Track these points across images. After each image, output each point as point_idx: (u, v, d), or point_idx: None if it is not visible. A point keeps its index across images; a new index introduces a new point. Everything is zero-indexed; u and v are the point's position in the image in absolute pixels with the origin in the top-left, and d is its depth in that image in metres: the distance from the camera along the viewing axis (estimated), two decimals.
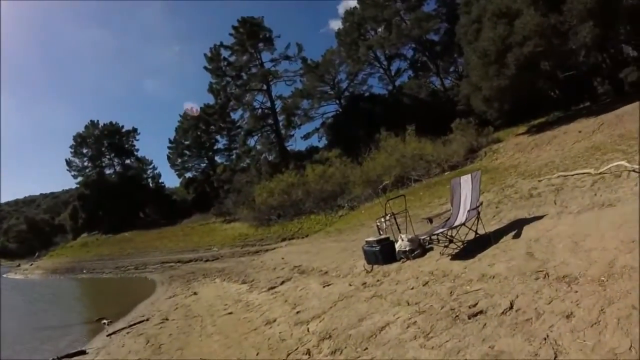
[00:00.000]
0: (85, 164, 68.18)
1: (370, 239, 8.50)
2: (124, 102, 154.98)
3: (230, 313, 9.08)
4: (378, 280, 7.17)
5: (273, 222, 30.04)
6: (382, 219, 9.17)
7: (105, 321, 12.23)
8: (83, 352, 8.84)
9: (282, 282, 10.61)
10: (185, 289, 16.23)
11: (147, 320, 10.92)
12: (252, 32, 46.22)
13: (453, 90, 38.53)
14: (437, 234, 7.34)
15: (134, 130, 69.47)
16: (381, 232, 9.03)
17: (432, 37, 42.60)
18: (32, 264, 54.38)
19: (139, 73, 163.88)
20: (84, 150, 67.62)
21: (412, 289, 5.99)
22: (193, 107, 58.83)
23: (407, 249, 7.69)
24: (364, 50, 42.71)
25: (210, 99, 53.02)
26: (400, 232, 8.32)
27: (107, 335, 10.11)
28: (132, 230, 53.42)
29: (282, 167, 37.54)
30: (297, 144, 58.23)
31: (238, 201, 38.19)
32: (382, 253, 8.08)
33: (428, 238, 7.69)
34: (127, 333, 9.90)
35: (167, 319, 10.33)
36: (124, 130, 69.01)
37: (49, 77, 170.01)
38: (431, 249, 7.74)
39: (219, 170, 51.86)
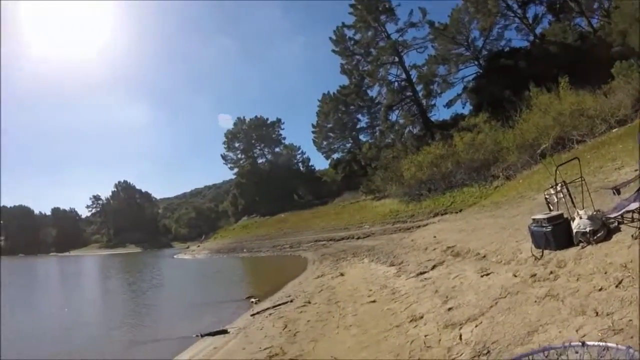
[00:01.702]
0: (239, 156, 75.80)
1: (539, 216, 6.63)
2: (263, 98, 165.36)
3: (374, 301, 8.44)
4: (551, 273, 5.58)
5: (424, 197, 30.01)
6: (552, 190, 7.24)
7: (253, 299, 12.93)
8: (225, 332, 9.29)
9: (433, 267, 9.55)
10: (333, 268, 16.48)
11: (291, 301, 11.02)
12: (370, 6, 45.16)
13: (604, 29, 34.12)
14: (633, 211, 5.66)
15: (278, 120, 75.72)
16: (551, 207, 7.26)
17: None
18: (198, 246, 61.20)
19: (271, 68, 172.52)
20: (236, 145, 75.14)
21: (601, 290, 4.39)
22: None
23: (588, 229, 5.84)
24: (492, 1, 39.49)
25: (345, 80, 53.67)
26: (575, 208, 6.61)
27: (251, 315, 10.47)
28: (287, 211, 56.94)
29: (428, 139, 37.12)
30: (440, 113, 56.97)
31: (386, 177, 38.65)
32: (555, 235, 6.28)
33: (619, 216, 5.90)
34: (270, 314, 10.03)
35: (309, 302, 10.26)
36: (269, 122, 75.21)
37: (190, 87, 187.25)
38: (617, 229, 5.81)
39: (364, 148, 52.42)
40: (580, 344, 1.72)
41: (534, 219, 6.78)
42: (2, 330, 11.75)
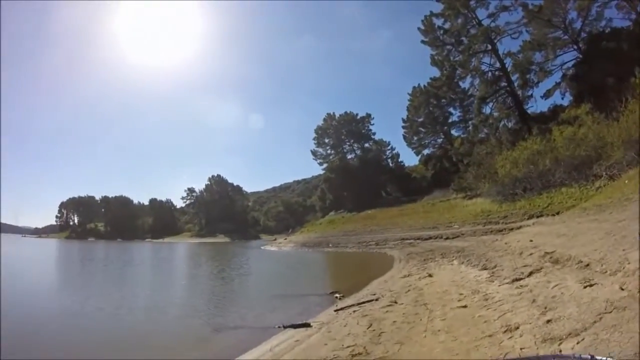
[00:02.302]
0: (328, 151, 77.63)
1: None
2: (352, 94, 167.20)
3: (465, 306, 8.04)
4: None
5: (518, 197, 28.99)
6: None
7: (337, 295, 12.79)
8: (307, 325, 9.13)
9: (530, 274, 9.01)
10: (420, 268, 15.97)
11: (377, 300, 10.69)
12: None
13: None
14: None
15: (368, 116, 76.33)
16: None
17: None
18: (285, 238, 63.13)
19: (358, 64, 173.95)
20: (326, 140, 76.96)
21: None
22: None
23: None
24: None
25: (436, 72, 52.70)
26: None
27: (335, 311, 10.25)
28: (375, 208, 57.11)
29: (524, 133, 35.47)
30: (537, 104, 53.36)
31: (479, 175, 37.69)
32: None
33: None
34: (354, 311, 9.74)
35: (395, 302, 9.82)
36: (358, 117, 75.94)
37: (278, 86, 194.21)
38: None
39: (456, 143, 51.42)
40: None
41: None
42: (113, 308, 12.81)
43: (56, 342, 9.18)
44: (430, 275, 13.26)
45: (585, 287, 6.46)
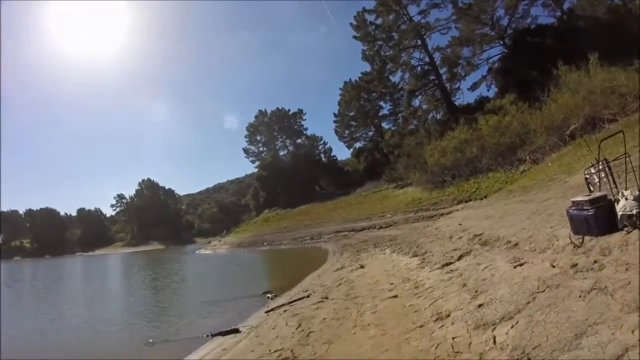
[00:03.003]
0: (261, 149, 77.17)
1: (579, 198, 5.99)
2: (284, 90, 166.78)
3: (395, 296, 7.88)
4: (595, 262, 4.93)
5: (447, 184, 29.65)
6: (592, 170, 6.64)
7: (269, 295, 12.70)
8: (236, 331, 9.00)
9: (460, 257, 8.94)
10: (353, 260, 16.06)
11: (308, 297, 10.66)
12: None
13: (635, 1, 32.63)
14: None
15: (300, 111, 76.39)
16: (592, 188, 6.63)
17: None
18: (220, 240, 62.29)
19: (292, 60, 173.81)
20: (258, 137, 76.55)
21: None
22: None
23: (635, 211, 5.26)
24: None
25: (367, 67, 53.43)
26: (617, 188, 6.01)
27: (266, 312, 10.18)
28: (309, 203, 57.15)
29: (452, 123, 36.19)
30: (464, 97, 56.01)
31: (409, 165, 38.37)
32: (597, 218, 5.67)
33: None
34: (285, 311, 9.70)
35: (326, 298, 9.84)
36: (290, 113, 75.84)
37: (210, 83, 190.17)
38: None
39: (387, 136, 51.95)
40: None
41: (573, 202, 6.16)
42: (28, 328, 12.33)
43: None
44: (362, 267, 13.31)
45: (515, 266, 6.43)
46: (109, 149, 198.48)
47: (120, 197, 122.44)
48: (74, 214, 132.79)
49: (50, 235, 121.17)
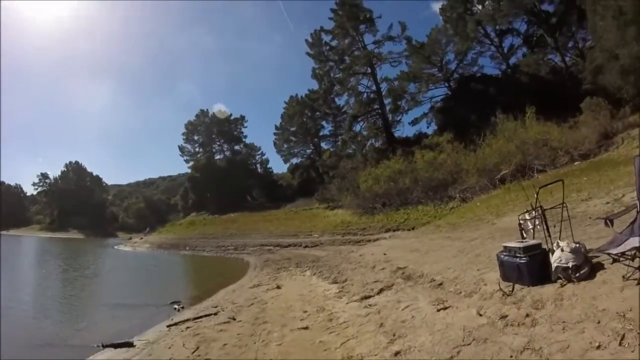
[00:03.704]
0: (197, 149, 74.48)
1: (512, 244, 5.57)
2: (230, 94, 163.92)
3: (306, 328, 7.24)
4: (527, 315, 4.40)
5: (377, 211, 29.41)
6: (527, 216, 6.43)
7: (177, 306, 12.06)
8: (130, 344, 8.29)
9: (380, 290, 8.45)
10: (272, 278, 15.43)
11: (215, 314, 9.95)
12: (352, 14, 44.72)
13: (577, 66, 34.59)
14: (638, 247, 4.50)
15: (242, 117, 74.11)
16: (524, 235, 6.40)
17: (546, 7, 38.47)
18: (141, 238, 59.02)
19: (242, 66, 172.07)
20: (195, 137, 73.82)
21: (599, 347, 3.27)
22: None
23: (570, 264, 4.92)
24: (472, 25, 38.84)
25: (315, 85, 53.26)
26: (551, 238, 5.76)
27: (168, 326, 9.42)
28: (238, 211, 55.53)
29: (389, 153, 36.48)
30: (404, 129, 56.84)
31: (342, 187, 38.04)
32: (530, 267, 5.27)
33: (619, 253, 4.74)
34: (187, 328, 8.95)
35: (234, 319, 9.08)
36: (232, 118, 73.66)
37: (158, 74, 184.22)
38: (601, 266, 4.96)
39: (325, 156, 52.00)
40: None
41: (505, 247, 5.70)
42: None
43: None
44: (279, 287, 12.63)
45: (439, 310, 5.90)
46: (40, 124, 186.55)
47: (44, 176, 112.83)
48: None
49: None
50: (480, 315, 5.01)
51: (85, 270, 25.34)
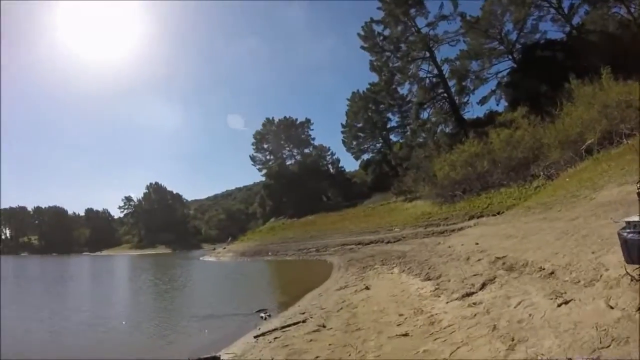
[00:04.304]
0: (268, 157, 75.97)
1: (636, 218, 4.62)
2: (292, 98, 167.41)
3: (405, 335, 6.29)
4: None
5: (458, 199, 28.82)
6: None
7: (263, 314, 11.76)
8: (217, 359, 7.94)
9: (483, 285, 7.51)
10: (358, 278, 14.98)
11: (304, 322, 9.32)
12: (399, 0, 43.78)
13: None
14: None
15: (308, 121, 75.47)
16: None
17: None
18: (224, 248, 61.15)
19: (299, 69, 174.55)
20: (265, 146, 75.31)
21: None
22: None
23: None
24: None
25: (375, 78, 52.66)
26: None
27: (255, 337, 9.03)
28: (315, 213, 56.17)
29: (461, 137, 35.45)
30: (474, 110, 55.26)
31: (418, 178, 37.69)
32: None
33: None
34: (275, 339, 8.42)
35: (323, 326, 8.38)
36: (298, 122, 74.93)
37: (221, 89, 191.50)
38: None
39: (395, 148, 51.51)
40: None
41: (629, 223, 4.68)
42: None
43: None
44: (367, 288, 11.96)
45: (559, 305, 5.02)
46: (119, 150, 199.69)
47: (128, 199, 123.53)
48: (82, 213, 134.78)
49: (58, 234, 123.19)
50: (612, 307, 4.24)
51: (174, 283, 26.02)
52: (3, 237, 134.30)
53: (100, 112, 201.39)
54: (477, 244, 12.35)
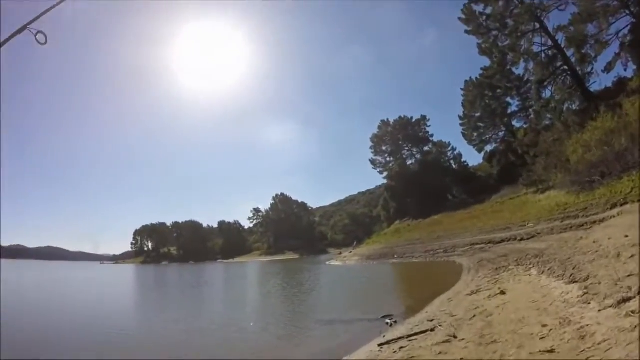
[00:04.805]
0: (387, 159, 77.02)
1: None
2: (405, 97, 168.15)
3: (551, 351, 5.31)
4: None
5: (596, 184, 26.09)
6: None
7: (389, 320, 11.52)
8: None
9: None
10: (491, 281, 14.15)
11: (432, 330, 8.64)
12: None
13: None
14: None
15: (423, 118, 75.39)
16: None
17: None
18: (350, 252, 62.91)
19: (406, 66, 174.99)
20: (383, 148, 76.39)
21: None
22: None
23: None
24: None
25: (486, 61, 50.51)
26: None
27: (379, 345, 8.64)
28: (441, 213, 55.36)
29: (592, 112, 32.20)
30: (600, 80, 49.79)
31: (549, 165, 35.07)
32: None
33: None
34: (400, 349, 7.84)
35: (454, 337, 7.60)
36: (413, 120, 75.10)
37: (330, 98, 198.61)
38: None
39: (520, 134, 48.69)
40: None
41: None
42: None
43: None
44: (502, 293, 10.92)
45: None
46: (243, 167, 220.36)
47: (257, 210, 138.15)
48: (215, 225, 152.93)
49: (194, 244, 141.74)
50: None
51: (302, 287, 26.82)
52: (146, 249, 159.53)
53: (220, 136, 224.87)
54: (626, 236, 10.50)
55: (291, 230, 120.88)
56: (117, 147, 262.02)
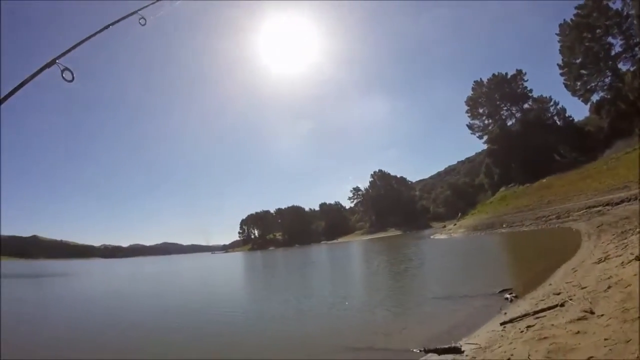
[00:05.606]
0: (485, 122, 73.63)
1: None
2: (496, 55, 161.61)
3: None
4: None
5: None
6: None
7: (508, 295, 10.58)
8: (457, 350, 6.81)
9: None
10: (620, 246, 12.50)
11: (562, 305, 7.42)
12: None
13: None
14: None
15: (520, 72, 70.31)
16: None
17: None
18: (455, 224, 61.58)
19: (492, 20, 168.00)
20: (480, 110, 73.06)
21: None
22: None
23: None
24: None
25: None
26: None
27: (501, 324, 7.71)
28: (549, 175, 52.62)
29: None
30: None
31: None
32: None
33: None
34: (527, 328, 6.80)
35: (591, 312, 6.30)
36: (509, 76, 70.37)
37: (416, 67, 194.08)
38: None
39: (628, 78, 44.36)
40: None
41: None
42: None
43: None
44: (638, 258, 9.01)
45: None
46: (339, 148, 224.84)
47: (356, 189, 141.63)
48: (317, 208, 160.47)
49: (298, 228, 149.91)
50: None
51: (409, 263, 25.92)
52: (252, 236, 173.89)
53: (314, 122, 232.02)
54: None
55: (392, 207, 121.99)
56: (219, 144, 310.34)
